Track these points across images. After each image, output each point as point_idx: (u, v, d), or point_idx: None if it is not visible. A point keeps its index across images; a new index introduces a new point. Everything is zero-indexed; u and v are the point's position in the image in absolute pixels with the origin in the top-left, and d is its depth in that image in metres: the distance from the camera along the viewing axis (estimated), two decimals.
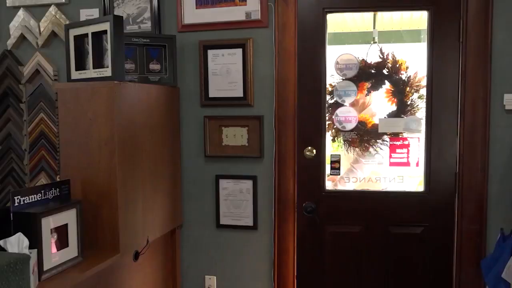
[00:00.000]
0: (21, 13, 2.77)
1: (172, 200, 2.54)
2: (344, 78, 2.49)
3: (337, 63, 2.49)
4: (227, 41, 2.51)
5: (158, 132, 2.39)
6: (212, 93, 2.56)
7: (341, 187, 2.56)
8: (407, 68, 2.44)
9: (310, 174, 2.49)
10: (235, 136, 2.55)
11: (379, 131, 2.47)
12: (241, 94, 2.51)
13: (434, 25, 2.33)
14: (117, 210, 2.03)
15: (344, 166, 2.54)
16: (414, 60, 2.43)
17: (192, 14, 2.55)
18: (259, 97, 2.51)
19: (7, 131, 2.83)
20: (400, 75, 2.45)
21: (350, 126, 2.50)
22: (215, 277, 2.66)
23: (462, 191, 2.32)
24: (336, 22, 2.53)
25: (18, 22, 2.77)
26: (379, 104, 2.48)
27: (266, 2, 2.44)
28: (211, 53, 2.54)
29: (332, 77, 2.50)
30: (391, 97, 2.47)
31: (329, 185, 2.54)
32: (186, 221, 2.68)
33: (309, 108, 2.47)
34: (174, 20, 2.59)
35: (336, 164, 2.50)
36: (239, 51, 2.49)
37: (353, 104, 2.50)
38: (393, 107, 2.46)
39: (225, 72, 2.51)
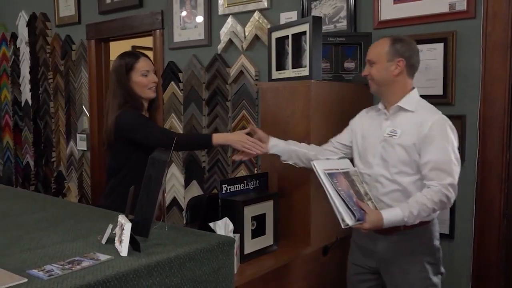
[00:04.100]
0: (229, 20, 3.07)
1: None
2: None
3: None
4: (427, 35, 2.37)
5: None
6: None
7: None
8: None
9: None
10: None
11: None
12: (440, 92, 2.33)
13: None
14: (309, 204, 2.11)
15: None
16: None
17: (389, 10, 2.48)
18: (460, 95, 2.30)
19: (215, 126, 3.19)
20: None
21: None
22: None
23: None
24: None
25: (227, 28, 3.09)
26: None
27: None
28: None
29: None
30: None
31: None
32: None
33: None
34: (370, 17, 2.55)
35: None
36: (439, 46, 2.32)
37: None
38: None
39: (424, 68, 2.36)
